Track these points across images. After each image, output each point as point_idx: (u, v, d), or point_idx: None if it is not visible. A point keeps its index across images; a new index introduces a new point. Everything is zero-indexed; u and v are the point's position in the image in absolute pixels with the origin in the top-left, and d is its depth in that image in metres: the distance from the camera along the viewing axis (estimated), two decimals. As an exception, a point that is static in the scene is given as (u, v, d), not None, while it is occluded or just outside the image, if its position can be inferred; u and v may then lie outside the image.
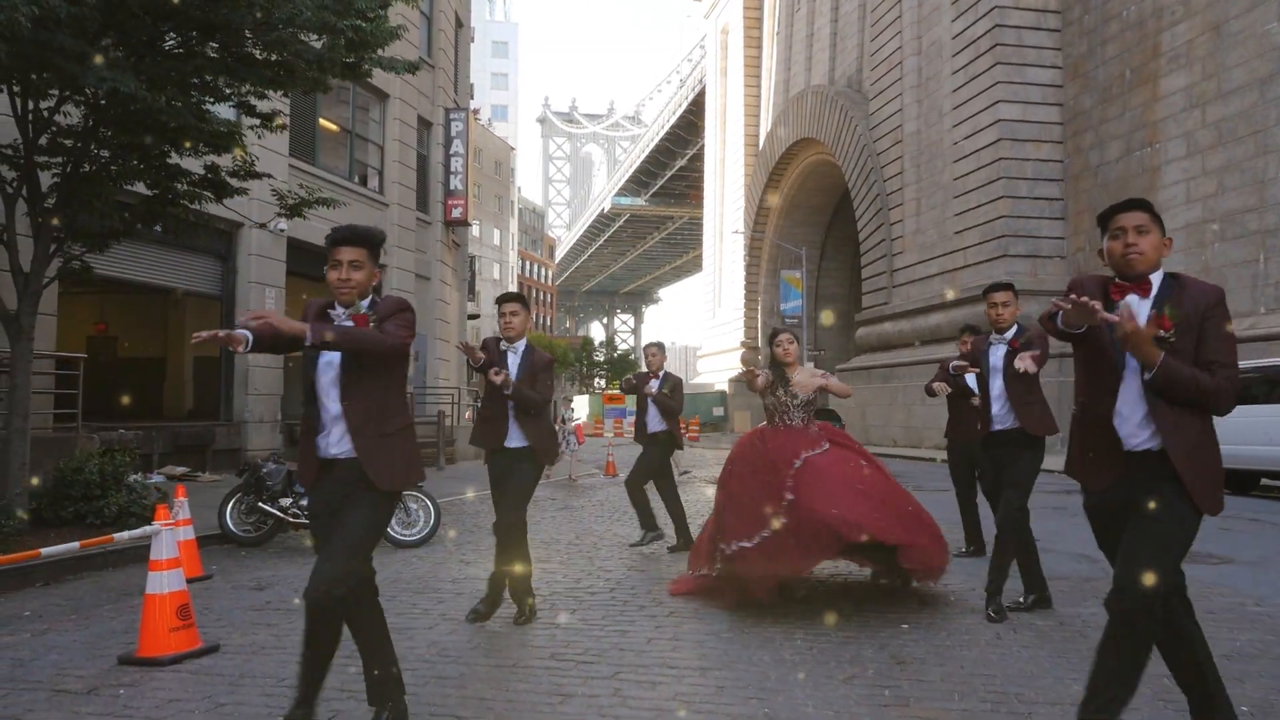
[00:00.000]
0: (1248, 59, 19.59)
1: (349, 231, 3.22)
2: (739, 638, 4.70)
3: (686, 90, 79.50)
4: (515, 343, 5.14)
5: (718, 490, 5.85)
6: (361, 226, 3.31)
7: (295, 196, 11.24)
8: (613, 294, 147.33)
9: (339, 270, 3.17)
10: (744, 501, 5.40)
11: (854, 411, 31.53)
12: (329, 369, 3.20)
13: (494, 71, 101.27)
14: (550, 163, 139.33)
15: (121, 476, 8.90)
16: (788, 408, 5.60)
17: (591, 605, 5.58)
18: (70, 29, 6.85)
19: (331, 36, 8.50)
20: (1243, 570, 6.61)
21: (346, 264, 3.17)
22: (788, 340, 5.75)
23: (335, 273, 3.18)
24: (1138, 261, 2.86)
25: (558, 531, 9.04)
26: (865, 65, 35.22)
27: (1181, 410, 2.77)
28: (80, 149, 8.35)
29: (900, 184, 31.68)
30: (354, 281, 3.17)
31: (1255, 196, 19.40)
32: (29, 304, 8.22)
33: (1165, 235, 2.92)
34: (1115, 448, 2.84)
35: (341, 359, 3.17)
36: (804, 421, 5.61)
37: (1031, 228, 25.72)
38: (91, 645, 4.79)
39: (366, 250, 3.21)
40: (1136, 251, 2.85)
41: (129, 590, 6.36)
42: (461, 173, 23.45)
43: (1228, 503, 11.23)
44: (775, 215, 47.38)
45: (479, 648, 4.59)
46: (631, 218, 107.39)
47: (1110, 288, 2.91)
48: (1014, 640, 4.55)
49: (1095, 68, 24.38)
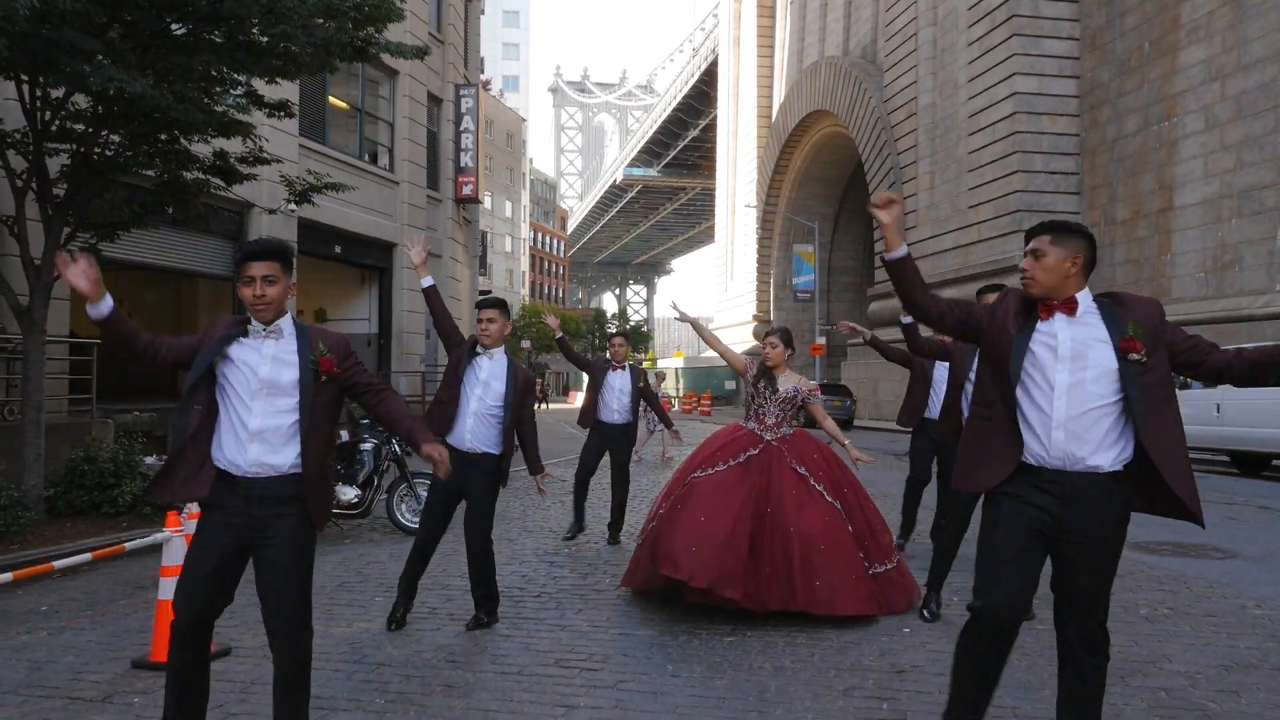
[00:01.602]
0: (1269, 31, 19.28)
1: (259, 245, 3.12)
2: (742, 641, 4.75)
3: (699, 60, 78.77)
4: (491, 349, 5.16)
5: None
6: (273, 239, 3.23)
7: (303, 182, 11.24)
8: (625, 265, 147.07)
9: (253, 286, 3.06)
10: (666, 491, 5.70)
11: (865, 386, 31.52)
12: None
13: (505, 42, 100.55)
14: (562, 133, 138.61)
15: (135, 464, 9.02)
16: (765, 401, 5.55)
17: (599, 604, 5.64)
18: (74, 23, 6.85)
19: (337, 20, 8.48)
20: (1247, 567, 6.62)
21: (260, 279, 3.06)
22: (771, 344, 5.62)
23: (249, 289, 3.06)
24: (1030, 286, 2.92)
25: (567, 520, 9.12)
26: (880, 36, 34.81)
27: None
28: (90, 134, 8.38)
29: (914, 157, 31.42)
30: (269, 297, 3.06)
31: (1274, 172, 19.17)
32: (41, 297, 8.29)
33: (1076, 254, 2.89)
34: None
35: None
36: (777, 420, 5.52)
37: (1046, 202, 25.49)
38: (106, 646, 4.88)
39: (280, 264, 3.10)
40: (1028, 277, 2.92)
41: (143, 582, 6.46)
42: (472, 149, 23.40)
43: (1238, 488, 11.33)
44: (788, 187, 47.10)
45: (485, 651, 4.66)
46: (644, 189, 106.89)
47: (1038, 306, 2.92)
48: (1012, 650, 4.57)
49: (1113, 39, 24.03)
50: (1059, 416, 2.81)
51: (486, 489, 5.09)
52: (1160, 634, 4.86)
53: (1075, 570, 2.87)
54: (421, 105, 21.15)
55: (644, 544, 5.56)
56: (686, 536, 4.96)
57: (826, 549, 5.04)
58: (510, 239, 74.76)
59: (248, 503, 3.06)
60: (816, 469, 5.38)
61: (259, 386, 3.06)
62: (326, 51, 8.72)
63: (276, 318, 3.11)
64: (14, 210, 8.43)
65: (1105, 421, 2.80)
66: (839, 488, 5.39)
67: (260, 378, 3.06)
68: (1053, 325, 2.88)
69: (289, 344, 3.12)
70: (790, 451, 5.41)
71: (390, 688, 4.10)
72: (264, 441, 3.06)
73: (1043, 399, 2.84)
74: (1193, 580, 6.14)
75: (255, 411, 3.05)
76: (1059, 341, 2.85)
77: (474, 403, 5.05)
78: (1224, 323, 19.56)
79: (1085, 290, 2.92)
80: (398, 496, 8.60)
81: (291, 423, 3.08)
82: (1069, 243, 2.89)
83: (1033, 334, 2.89)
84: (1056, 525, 2.84)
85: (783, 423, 5.54)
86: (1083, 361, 2.81)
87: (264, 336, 3.10)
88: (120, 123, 8.23)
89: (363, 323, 20.54)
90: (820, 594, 4.93)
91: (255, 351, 3.09)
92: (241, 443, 3.05)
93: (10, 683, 4.26)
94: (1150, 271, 22.74)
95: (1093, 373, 2.80)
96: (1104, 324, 2.84)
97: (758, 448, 5.40)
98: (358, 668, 4.40)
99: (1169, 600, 5.60)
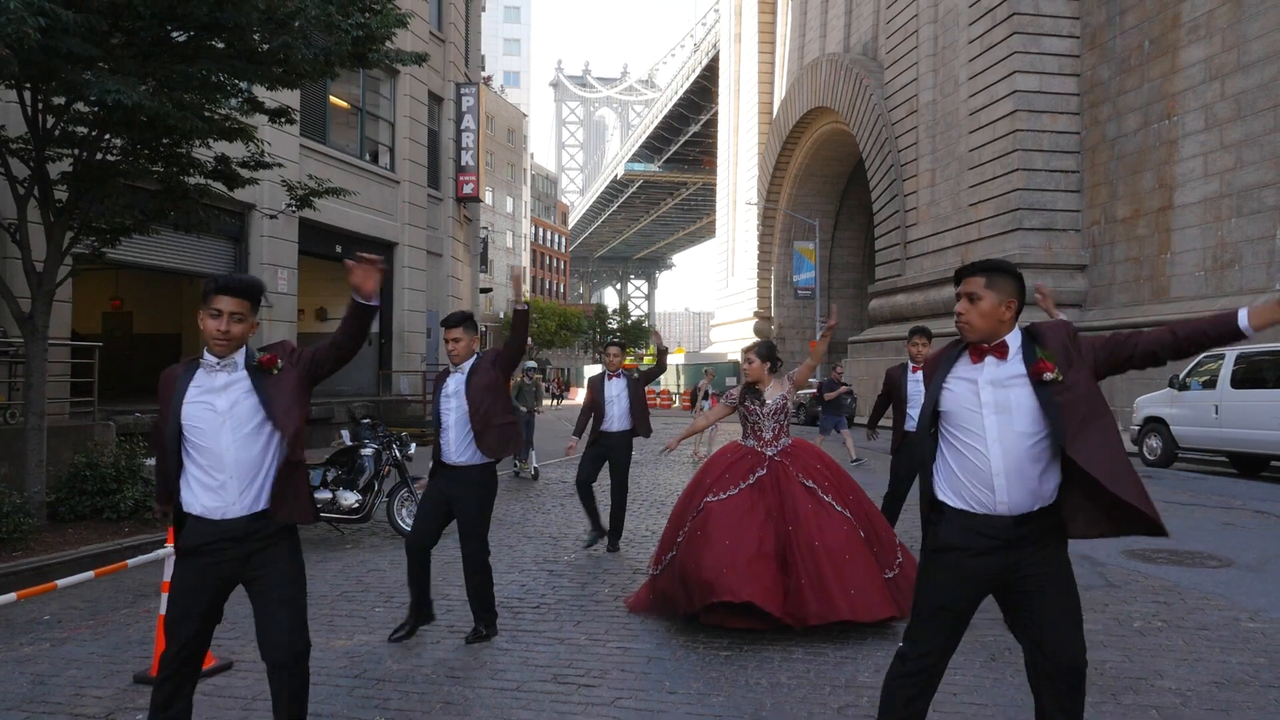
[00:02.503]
0: (1268, 30, 19.26)
1: (232, 282, 3.07)
2: (738, 656, 4.79)
3: (700, 55, 78.66)
4: (460, 364, 5.18)
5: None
6: (246, 276, 3.16)
7: (304, 188, 11.27)
8: (626, 260, 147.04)
9: (219, 321, 3.01)
10: (675, 518, 5.65)
11: (867, 384, 31.51)
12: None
13: (506, 37, 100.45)
14: (564, 127, 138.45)
15: (137, 469, 9.07)
16: (758, 418, 5.58)
17: (597, 615, 5.68)
18: (77, 35, 6.88)
19: (338, 35, 8.50)
20: (1242, 576, 6.65)
21: (227, 315, 3.02)
22: (747, 361, 5.65)
23: (215, 323, 3.02)
24: (965, 331, 2.87)
25: (569, 525, 9.17)
26: (881, 33, 34.76)
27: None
28: (94, 139, 8.41)
29: (915, 154, 31.40)
30: (233, 334, 3.03)
31: (1273, 171, 19.15)
32: (43, 303, 8.33)
33: (1010, 298, 2.86)
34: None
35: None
36: (775, 433, 5.55)
37: (1047, 200, 25.48)
38: (109, 659, 4.93)
39: (250, 303, 3.08)
40: (963, 322, 2.87)
41: (144, 590, 6.51)
42: (473, 148, 23.42)
43: (1236, 490, 11.34)
44: (789, 184, 47.07)
45: (485, 666, 4.70)
46: (645, 184, 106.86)
47: (969, 350, 2.88)
48: (1007, 664, 4.61)
49: (1113, 38, 24.00)
50: (996, 464, 2.77)
51: (478, 504, 5.14)
52: (1153, 648, 4.90)
53: (1037, 604, 2.81)
54: (422, 104, 21.17)
55: (665, 575, 5.49)
56: (716, 561, 4.99)
57: (851, 558, 5.11)
58: (511, 235, 74.75)
59: (229, 543, 3.06)
60: (822, 480, 5.43)
61: (222, 420, 3.03)
62: (326, 61, 8.75)
63: (233, 352, 3.09)
64: (16, 216, 8.47)
65: (1042, 459, 2.77)
66: (845, 496, 5.43)
67: (218, 410, 3.04)
68: (981, 370, 2.84)
69: (240, 373, 3.10)
70: (795, 465, 5.45)
71: (390, 704, 4.15)
72: (239, 477, 3.04)
73: (977, 445, 2.79)
74: (1187, 591, 6.17)
75: (226, 445, 3.02)
76: (979, 386, 2.82)
77: (452, 415, 5.12)
78: (1224, 322, 19.54)
79: (1016, 331, 2.88)
80: (398, 501, 8.64)
81: (261, 446, 3.07)
82: (1003, 285, 2.85)
83: (956, 379, 2.87)
84: (1002, 569, 2.81)
85: (781, 434, 5.59)
86: (1006, 404, 2.78)
87: (217, 370, 3.07)
88: (122, 128, 8.26)
89: (363, 322, 20.54)
90: (859, 601, 4.99)
91: (209, 389, 3.06)
92: (219, 484, 3.04)
93: (14, 697, 4.31)
94: (1150, 270, 22.74)
95: (1018, 412, 2.77)
96: (1022, 360, 2.80)
97: (764, 467, 5.43)
98: (358, 683, 4.44)
99: (1163, 612, 5.63)
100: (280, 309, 16.06)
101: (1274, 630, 5.23)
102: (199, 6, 7.39)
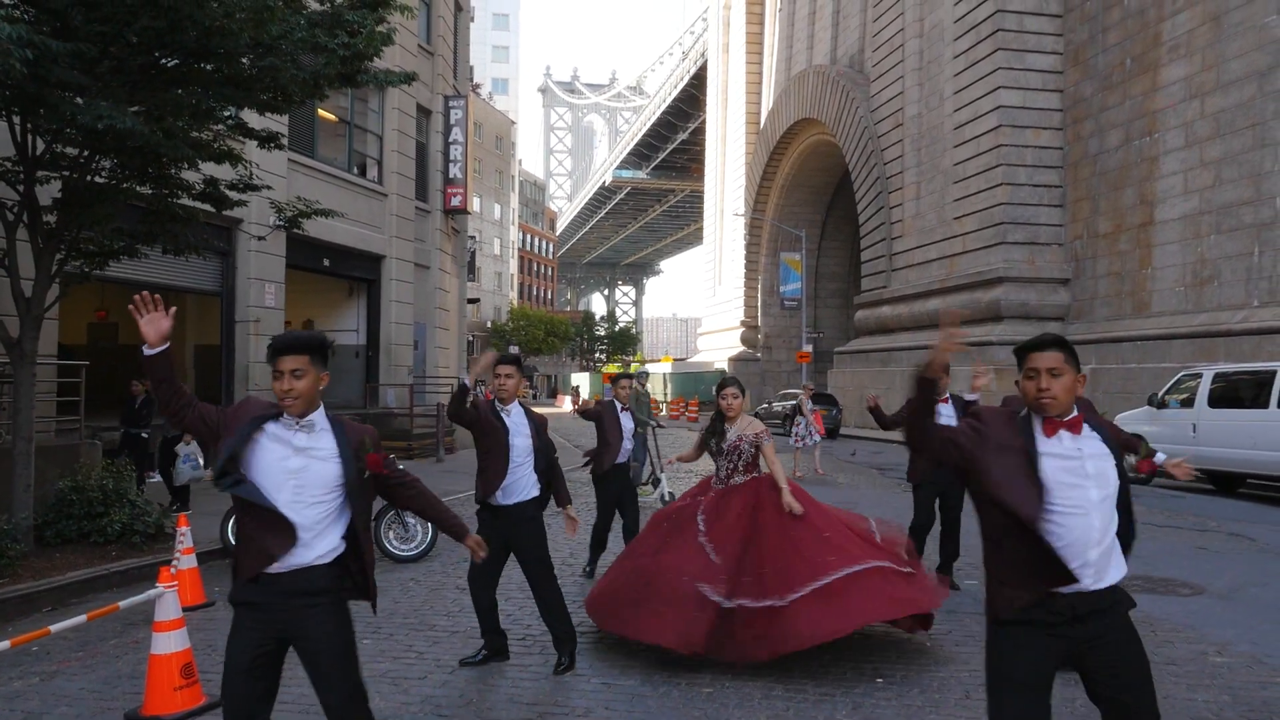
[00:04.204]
0: (1247, 50, 19.55)
1: (287, 339, 3.10)
2: (719, 694, 4.88)
3: (689, 63, 78.91)
4: (508, 404, 5.30)
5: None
6: (303, 332, 3.19)
7: (292, 209, 11.32)
8: (614, 266, 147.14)
9: (281, 381, 3.04)
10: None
11: (852, 395, 31.71)
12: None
13: (495, 45, 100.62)
14: (552, 133, 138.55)
15: (124, 492, 9.09)
16: (719, 455, 5.69)
17: (582, 648, 5.75)
18: (65, 62, 6.93)
19: (325, 55, 8.58)
20: (1212, 605, 6.78)
21: (288, 373, 3.04)
22: (732, 395, 5.72)
23: (279, 384, 3.05)
24: (1050, 406, 2.83)
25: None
26: (867, 46, 35.04)
27: None
28: (84, 161, 8.45)
29: (900, 167, 31.66)
30: (297, 391, 3.03)
31: (1252, 189, 19.44)
32: (31, 329, 8.36)
33: (1080, 373, 2.89)
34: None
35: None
36: (729, 472, 5.63)
37: (1030, 215, 25.77)
38: (99, 694, 4.98)
39: (309, 356, 3.08)
40: (1049, 396, 2.82)
41: (133, 619, 6.54)
42: (460, 160, 23.48)
43: (1212, 509, 11.48)
44: (776, 194, 47.30)
45: (471, 705, 4.77)
46: (633, 190, 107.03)
47: (1044, 424, 2.87)
48: (980, 700, 4.72)
49: (1096, 55, 24.30)
50: (1095, 536, 2.77)
51: (536, 536, 5.28)
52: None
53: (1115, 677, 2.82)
54: (410, 117, 21.23)
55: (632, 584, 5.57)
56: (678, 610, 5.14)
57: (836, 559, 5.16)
58: (499, 242, 74.79)
59: (278, 597, 3.04)
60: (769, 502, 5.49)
61: (286, 477, 3.03)
62: (315, 84, 8.82)
63: (308, 410, 3.09)
64: (4, 241, 8.49)
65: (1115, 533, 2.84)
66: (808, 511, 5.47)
67: (288, 469, 3.03)
68: (1060, 443, 2.84)
69: (321, 438, 3.11)
70: (742, 490, 5.57)
71: (377, 745, 4.21)
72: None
73: (1077, 520, 2.76)
74: (1158, 622, 6.30)
75: (281, 504, 3.00)
76: (1084, 458, 2.82)
77: (521, 454, 5.21)
78: (1202, 337, 19.84)
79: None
80: (385, 524, 8.70)
81: (324, 514, 3.07)
82: (1074, 361, 2.87)
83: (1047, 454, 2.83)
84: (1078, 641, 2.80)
85: (735, 474, 5.66)
86: (1104, 478, 2.81)
87: (296, 429, 3.08)
88: (112, 151, 8.30)
89: (351, 334, 20.60)
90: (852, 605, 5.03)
91: (286, 444, 3.06)
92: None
93: (5, 738, 4.37)
94: (1131, 285, 23.01)
95: (1111, 488, 2.82)
96: (1099, 439, 2.86)
97: (710, 491, 5.64)
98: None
99: (1135, 644, 5.75)
100: (268, 324, 16.09)
101: (1240, 665, 5.36)
102: (188, 33, 7.46)
